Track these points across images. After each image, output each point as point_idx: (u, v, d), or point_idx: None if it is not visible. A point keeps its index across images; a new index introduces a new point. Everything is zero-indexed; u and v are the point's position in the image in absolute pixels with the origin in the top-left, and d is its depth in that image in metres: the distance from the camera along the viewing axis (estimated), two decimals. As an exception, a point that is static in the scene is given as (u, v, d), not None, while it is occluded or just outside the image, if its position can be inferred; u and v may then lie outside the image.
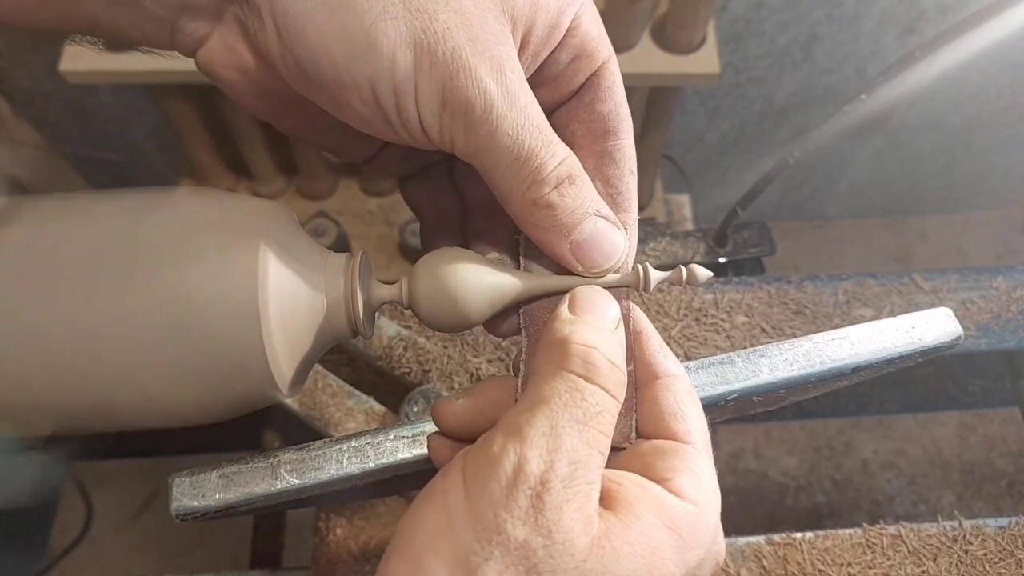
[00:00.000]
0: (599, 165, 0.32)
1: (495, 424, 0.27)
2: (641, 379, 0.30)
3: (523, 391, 0.28)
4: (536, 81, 0.31)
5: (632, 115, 0.33)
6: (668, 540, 0.25)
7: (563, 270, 0.31)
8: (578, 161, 0.30)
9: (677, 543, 0.26)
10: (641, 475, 0.27)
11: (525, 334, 0.31)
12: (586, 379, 0.26)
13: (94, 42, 0.31)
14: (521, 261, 0.32)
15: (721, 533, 0.28)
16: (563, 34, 0.30)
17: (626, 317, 0.30)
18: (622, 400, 0.27)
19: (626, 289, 0.31)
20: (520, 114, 0.27)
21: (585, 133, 0.32)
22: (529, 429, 0.25)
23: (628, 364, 0.29)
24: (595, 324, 0.28)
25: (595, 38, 0.31)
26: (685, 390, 0.30)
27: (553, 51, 0.30)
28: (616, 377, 0.27)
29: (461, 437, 0.30)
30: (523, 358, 0.30)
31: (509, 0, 0.28)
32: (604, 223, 0.30)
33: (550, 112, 0.33)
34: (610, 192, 0.32)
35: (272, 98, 0.30)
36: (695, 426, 0.29)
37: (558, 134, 0.31)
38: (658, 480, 0.27)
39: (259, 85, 0.29)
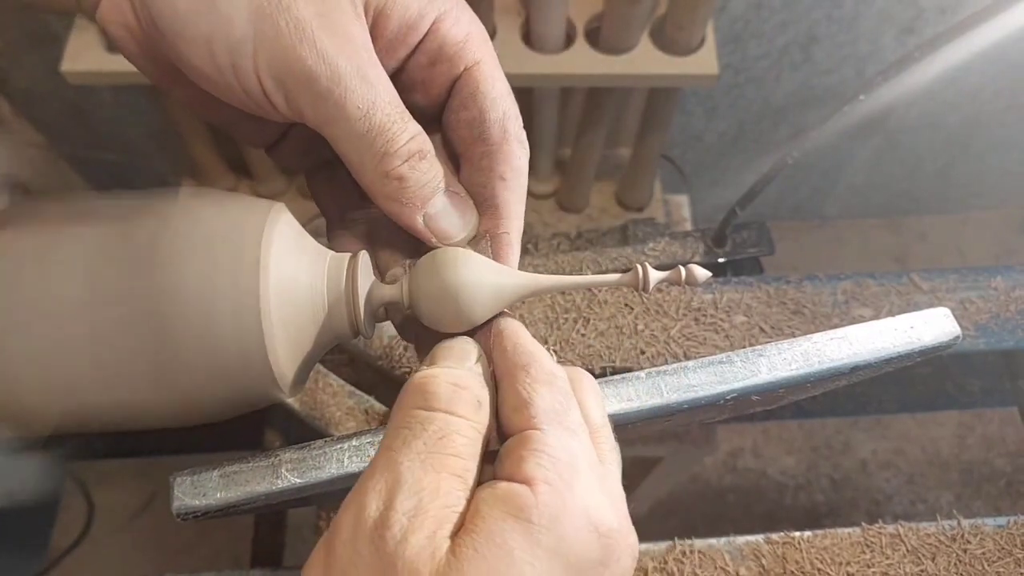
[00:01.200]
0: (470, 172, 0.32)
1: None
2: (499, 382, 0.29)
3: None
4: (406, 85, 0.32)
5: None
6: (515, 531, 0.24)
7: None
8: (428, 139, 0.30)
9: (526, 530, 0.24)
10: (492, 480, 0.26)
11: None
12: (425, 408, 0.26)
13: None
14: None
15: (599, 502, 0.25)
16: (421, 36, 0.30)
17: (486, 344, 0.30)
18: (480, 418, 0.27)
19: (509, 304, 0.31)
20: (371, 89, 0.28)
21: (461, 140, 0.32)
22: (367, 479, 0.25)
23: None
24: (441, 364, 0.28)
25: (458, 43, 0.31)
26: (531, 377, 0.27)
27: (414, 54, 0.31)
28: (463, 396, 0.27)
29: None
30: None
31: None
32: (456, 197, 0.31)
33: (434, 118, 0.33)
34: (478, 198, 0.32)
35: (159, 61, 0.30)
36: (538, 407, 0.26)
37: (448, 143, 0.32)
38: (505, 477, 0.25)
39: (143, 45, 0.30)
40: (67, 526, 1.05)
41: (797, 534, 0.53)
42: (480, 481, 0.26)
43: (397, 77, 0.31)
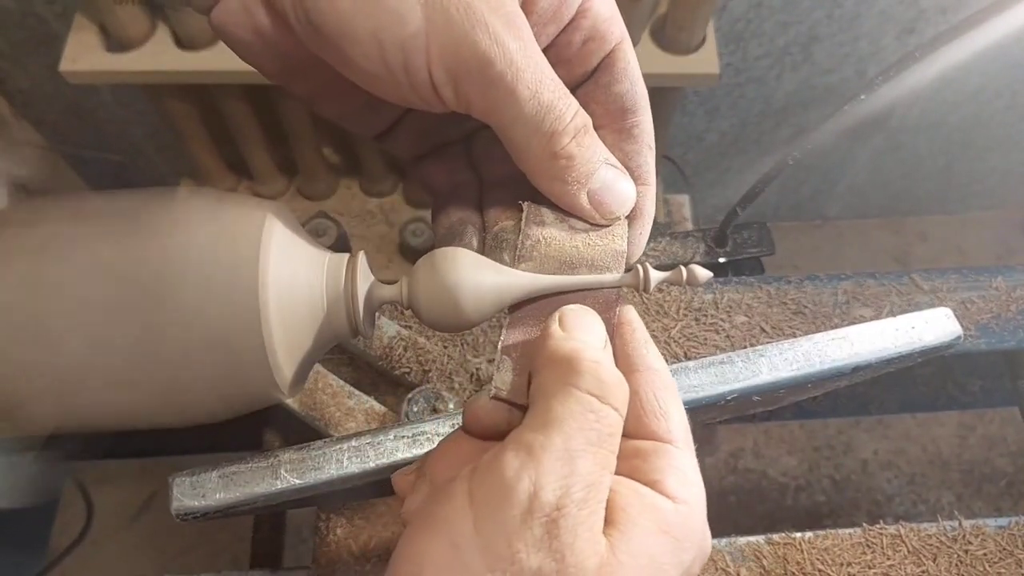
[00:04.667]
0: (617, 141, 0.32)
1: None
2: (621, 371, 0.30)
3: (525, 406, 0.28)
4: (551, 62, 0.31)
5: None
6: (665, 545, 0.25)
7: (563, 265, 0.31)
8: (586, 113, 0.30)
9: (673, 546, 0.26)
10: (630, 479, 0.27)
11: (505, 335, 0.31)
12: (600, 399, 0.26)
13: None
14: (523, 225, 0.32)
15: (707, 530, 0.28)
16: (573, 13, 0.30)
17: (610, 323, 0.30)
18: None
19: (617, 290, 0.31)
20: (537, 68, 0.28)
21: (604, 113, 0.32)
22: (543, 453, 0.25)
23: None
24: (593, 342, 0.28)
25: (607, 19, 0.31)
26: (665, 386, 0.29)
27: (565, 32, 0.30)
28: (625, 395, 0.27)
29: (492, 436, 0.30)
30: (499, 357, 0.30)
31: None
32: (615, 171, 0.31)
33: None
34: (629, 166, 0.32)
35: (285, 60, 0.30)
36: (675, 423, 0.28)
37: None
38: (647, 483, 0.27)
39: (273, 46, 0.29)
40: (67, 526, 1.04)
41: (798, 535, 0.52)
42: None
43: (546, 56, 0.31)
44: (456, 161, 0.35)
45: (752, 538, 0.53)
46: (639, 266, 0.31)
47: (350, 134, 1.03)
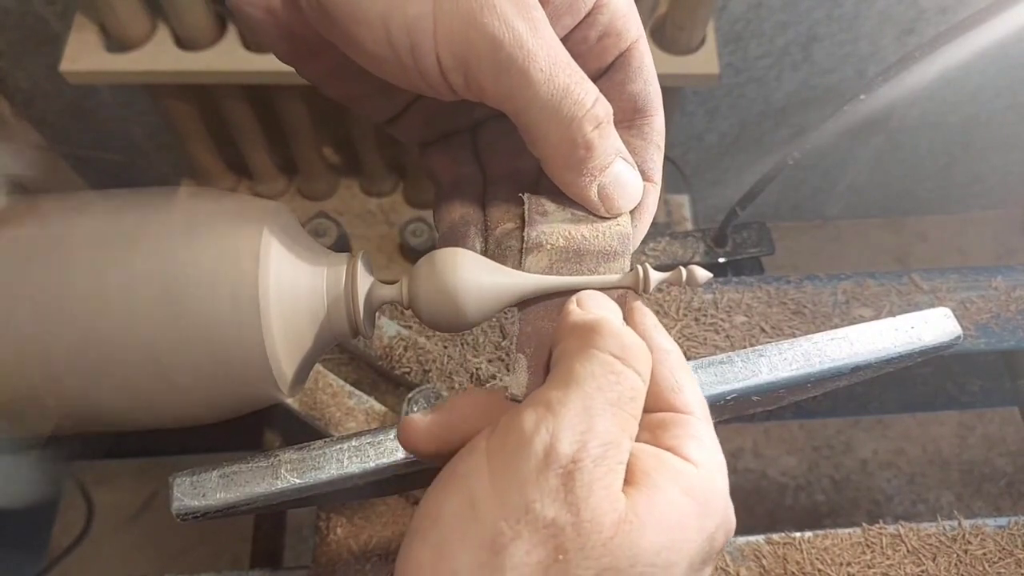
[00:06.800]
0: (627, 138, 0.32)
1: (467, 441, 0.27)
2: None
3: (543, 380, 0.28)
4: None
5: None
6: (689, 508, 0.25)
7: (570, 255, 0.31)
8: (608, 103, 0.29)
9: (697, 510, 0.25)
10: (651, 445, 0.27)
11: (518, 333, 0.31)
12: (623, 361, 0.26)
13: None
14: (526, 218, 0.31)
15: (730, 502, 0.28)
16: (589, 7, 0.29)
17: (621, 300, 0.30)
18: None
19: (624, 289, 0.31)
20: (551, 49, 0.27)
21: (617, 110, 0.31)
22: (562, 408, 0.25)
23: None
24: (613, 317, 0.28)
25: (624, 16, 0.30)
26: (679, 364, 0.29)
27: (581, 26, 0.30)
28: (647, 361, 0.27)
29: (429, 456, 0.29)
30: (513, 356, 0.30)
31: None
32: (626, 165, 0.30)
33: None
34: (637, 164, 0.32)
35: (296, 41, 0.30)
36: (692, 397, 0.29)
37: None
38: (668, 448, 0.27)
39: (284, 26, 0.29)
40: (67, 526, 1.05)
41: (798, 534, 0.52)
42: None
43: None
44: (461, 151, 0.35)
45: (752, 538, 0.53)
46: (639, 266, 0.31)
47: (350, 134, 1.03)
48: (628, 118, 0.32)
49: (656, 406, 0.28)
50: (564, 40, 0.30)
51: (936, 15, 1.04)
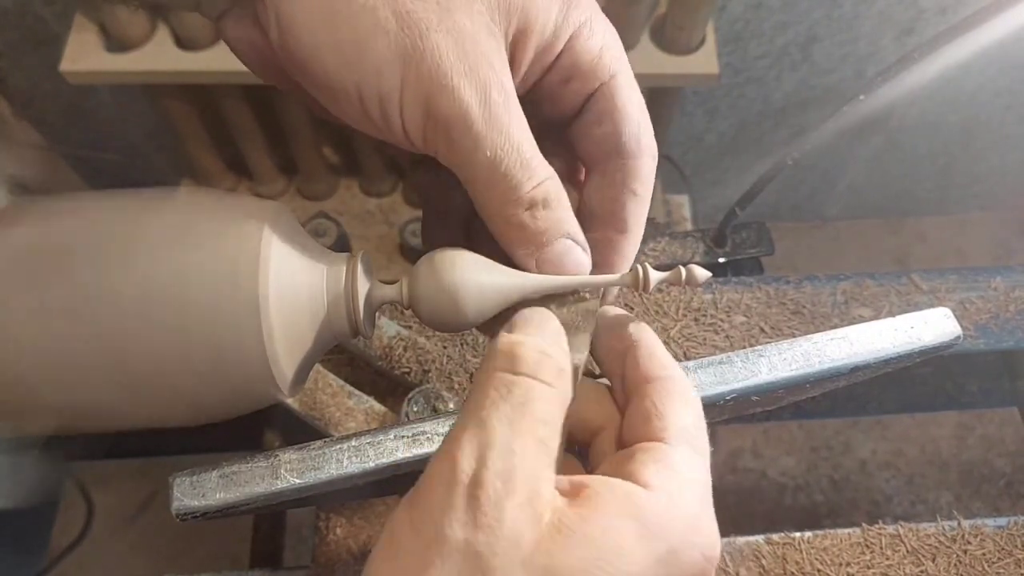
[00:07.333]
0: (600, 185, 0.32)
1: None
2: (631, 390, 0.30)
3: None
4: (536, 98, 0.32)
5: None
6: (629, 529, 0.24)
7: None
8: (558, 183, 0.30)
9: (640, 531, 0.24)
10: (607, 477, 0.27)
11: None
12: (511, 372, 0.26)
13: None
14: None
15: (708, 525, 0.27)
16: (556, 55, 0.30)
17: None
18: (563, 386, 0.27)
19: (616, 289, 0.31)
20: (500, 134, 0.28)
21: (593, 151, 0.32)
22: (461, 431, 0.25)
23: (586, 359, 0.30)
24: (532, 340, 0.28)
25: (592, 57, 0.30)
26: (666, 391, 0.29)
27: (551, 69, 0.31)
28: (548, 364, 0.27)
29: None
30: None
31: (505, 15, 0.28)
32: (572, 246, 0.31)
33: (562, 126, 0.33)
34: (606, 211, 0.32)
35: (282, 74, 0.31)
36: (671, 422, 0.28)
37: (572, 149, 0.32)
38: (623, 476, 0.26)
39: (269, 62, 0.31)
40: (67, 526, 1.04)
41: (797, 535, 0.53)
42: (561, 472, 0.27)
43: (528, 93, 0.32)
44: (449, 174, 0.36)
45: (751, 538, 0.53)
46: (638, 266, 0.31)
47: (350, 134, 1.03)
48: (601, 161, 0.32)
49: (631, 439, 0.28)
50: (538, 82, 0.31)
51: (935, 15, 1.04)
